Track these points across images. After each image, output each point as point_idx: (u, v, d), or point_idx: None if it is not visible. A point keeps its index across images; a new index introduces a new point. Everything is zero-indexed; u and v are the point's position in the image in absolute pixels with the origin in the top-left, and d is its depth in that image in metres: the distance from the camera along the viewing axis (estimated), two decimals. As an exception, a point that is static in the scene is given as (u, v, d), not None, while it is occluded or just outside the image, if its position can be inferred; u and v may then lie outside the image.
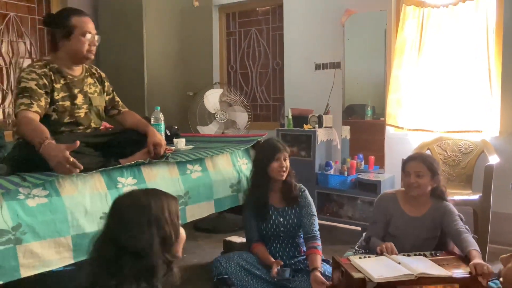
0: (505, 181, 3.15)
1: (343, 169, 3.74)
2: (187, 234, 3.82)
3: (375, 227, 2.49)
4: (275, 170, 2.55)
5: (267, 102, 4.79)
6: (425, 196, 2.43)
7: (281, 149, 2.58)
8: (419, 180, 2.37)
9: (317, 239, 2.53)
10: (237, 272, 2.45)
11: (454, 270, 2.07)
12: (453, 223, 2.34)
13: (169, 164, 2.35)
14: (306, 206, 2.61)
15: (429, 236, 2.42)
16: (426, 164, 2.38)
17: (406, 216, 2.44)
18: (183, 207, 2.34)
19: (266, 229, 2.61)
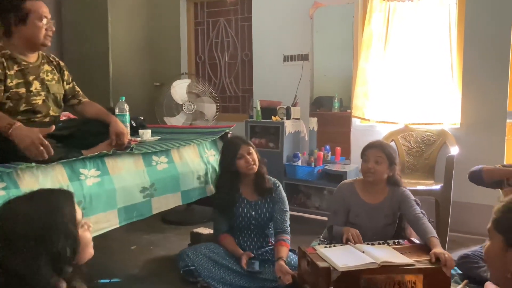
0: (466, 171, 3.25)
1: (311, 160, 3.77)
2: (155, 226, 3.78)
3: (335, 217, 2.54)
4: (243, 166, 2.53)
5: (236, 93, 4.77)
6: (382, 184, 2.50)
7: (240, 145, 2.55)
8: (377, 167, 2.42)
9: (287, 234, 2.55)
10: (203, 263, 2.44)
11: (417, 258, 2.13)
12: (410, 208, 2.41)
13: (134, 156, 2.30)
14: (280, 202, 2.62)
15: (388, 222, 2.49)
16: (385, 152, 2.44)
17: (364, 203, 2.49)
18: (148, 199, 2.30)
19: (237, 222, 2.61)
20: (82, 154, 2.08)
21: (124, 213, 2.17)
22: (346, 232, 2.35)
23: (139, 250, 3.12)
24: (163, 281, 2.57)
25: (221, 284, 2.40)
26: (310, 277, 2.14)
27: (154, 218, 3.58)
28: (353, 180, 2.62)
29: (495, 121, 3.30)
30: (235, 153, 2.54)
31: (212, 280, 2.41)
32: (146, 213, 2.30)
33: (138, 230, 3.44)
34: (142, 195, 2.27)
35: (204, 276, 2.41)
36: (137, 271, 2.75)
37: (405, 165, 3.54)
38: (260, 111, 3.92)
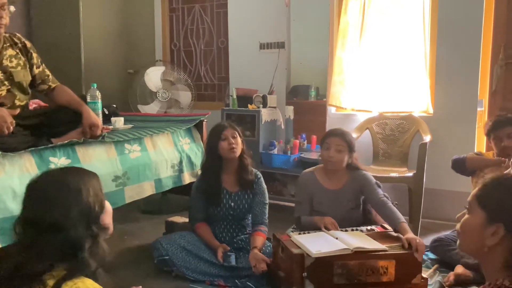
0: (438, 158, 3.33)
1: (287, 149, 3.78)
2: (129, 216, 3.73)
3: (301, 207, 2.55)
4: (225, 149, 2.50)
5: (212, 81, 4.72)
6: (342, 170, 2.52)
7: (226, 127, 2.54)
8: (338, 155, 2.44)
9: (264, 225, 2.56)
10: (178, 253, 2.42)
11: (389, 244, 2.17)
12: (374, 192, 2.45)
13: (106, 144, 2.25)
14: (260, 194, 2.61)
15: (351, 207, 2.52)
16: (346, 141, 2.46)
17: (326, 190, 2.52)
18: (121, 188, 2.27)
19: (215, 212, 2.59)
20: (51, 143, 2.03)
21: (96, 202, 2.13)
22: (320, 222, 2.37)
23: (113, 239, 3.02)
24: (138, 270, 2.54)
25: (195, 273, 2.39)
26: (284, 263, 2.15)
27: (128, 207, 3.53)
28: (313, 169, 2.63)
29: (466, 110, 3.37)
30: (219, 134, 2.52)
31: (187, 269, 2.39)
32: (119, 202, 2.27)
33: (114, 220, 3.36)
34: (115, 184, 2.23)
35: (179, 266, 2.40)
36: (112, 260, 2.70)
37: (379, 152, 3.58)
38: (236, 99, 3.90)
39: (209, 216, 2.62)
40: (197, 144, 2.88)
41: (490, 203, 1.08)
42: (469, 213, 1.14)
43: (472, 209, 1.13)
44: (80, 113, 2.20)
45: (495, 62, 3.35)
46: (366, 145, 3.60)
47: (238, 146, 2.52)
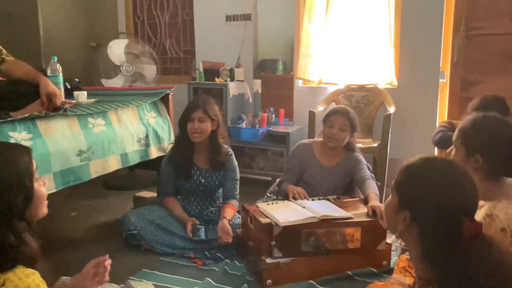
0: (402, 129, 3.42)
1: (255, 122, 3.78)
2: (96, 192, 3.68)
3: (289, 174, 2.60)
4: (189, 131, 2.47)
5: (178, 54, 4.63)
6: (340, 148, 2.57)
7: (197, 108, 2.46)
8: (341, 134, 2.48)
9: (235, 199, 2.58)
10: (146, 227, 2.41)
11: (354, 211, 2.23)
12: (360, 170, 2.52)
13: (69, 118, 2.19)
14: (231, 171, 2.60)
15: (340, 185, 2.59)
16: (350, 120, 2.50)
17: (321, 165, 2.56)
18: (86, 163, 2.22)
19: (185, 186, 2.57)
20: (10, 116, 1.95)
21: (61, 177, 2.09)
22: (291, 191, 2.41)
23: (79, 216, 3.03)
24: (106, 246, 2.51)
25: (164, 247, 2.39)
26: (253, 233, 2.18)
27: (95, 183, 3.48)
28: (312, 141, 2.66)
29: (428, 81, 3.45)
30: (189, 113, 2.48)
31: (156, 243, 2.39)
32: (84, 177, 2.23)
33: (79, 196, 3.33)
34: (79, 158, 2.19)
35: (148, 240, 2.39)
36: (79, 237, 2.68)
37: (345, 125, 3.64)
38: (202, 72, 3.84)
39: (179, 189, 2.60)
40: (163, 118, 2.84)
41: (402, 189, 1.10)
42: (390, 196, 1.16)
43: (391, 191, 1.15)
44: (37, 85, 2.12)
45: (457, 34, 3.42)
46: (332, 117, 3.64)
47: (203, 131, 2.46)
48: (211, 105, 2.52)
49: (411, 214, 1.05)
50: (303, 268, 2.07)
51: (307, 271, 2.07)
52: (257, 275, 2.08)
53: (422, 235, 1.03)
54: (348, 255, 2.14)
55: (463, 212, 1.00)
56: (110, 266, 1.48)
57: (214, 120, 2.51)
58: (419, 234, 1.04)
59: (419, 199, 1.04)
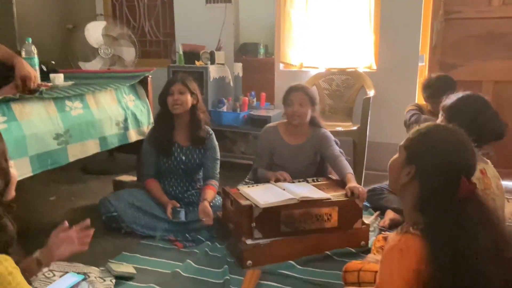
0: (381, 113, 3.46)
1: (236, 106, 3.77)
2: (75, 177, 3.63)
3: (260, 160, 2.61)
4: (170, 104, 2.49)
5: (157, 37, 4.56)
6: (305, 126, 2.58)
7: (176, 81, 2.50)
8: (302, 109, 2.49)
9: (215, 180, 2.58)
10: (126, 209, 2.40)
11: (333, 193, 2.26)
12: (329, 147, 2.54)
13: (45, 101, 2.15)
14: (211, 149, 2.61)
15: (310, 162, 2.61)
16: (307, 94, 2.51)
17: (288, 145, 2.58)
18: (63, 146, 2.19)
19: (166, 165, 2.57)
20: (-17, 99, 1.90)
21: (37, 161, 2.06)
22: (273, 177, 2.42)
23: (58, 201, 3.00)
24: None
25: (145, 229, 2.39)
26: (234, 215, 2.20)
27: (74, 168, 3.46)
28: (276, 124, 2.68)
29: (408, 65, 3.48)
30: (168, 88, 2.50)
31: (136, 225, 2.39)
32: (62, 161, 2.20)
33: (57, 181, 3.29)
34: (56, 142, 2.15)
35: (128, 222, 2.39)
36: (57, 222, 2.62)
37: (326, 108, 3.66)
38: (182, 55, 3.80)
39: (160, 170, 2.60)
40: (142, 101, 2.81)
41: (412, 146, 1.19)
42: (398, 154, 1.24)
43: (400, 150, 1.23)
44: (12, 67, 2.07)
45: (436, 18, 3.45)
46: (313, 101, 3.66)
47: (183, 103, 2.49)
48: (190, 80, 2.56)
49: (416, 168, 1.14)
50: (283, 248, 2.09)
51: (287, 251, 2.10)
52: (238, 256, 2.10)
53: (422, 188, 1.13)
54: (326, 235, 2.17)
55: (463, 172, 1.10)
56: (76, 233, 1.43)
57: (194, 94, 2.54)
58: (420, 186, 1.14)
59: (427, 155, 1.14)
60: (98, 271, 1.96)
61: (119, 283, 1.92)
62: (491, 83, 3.35)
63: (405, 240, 1.07)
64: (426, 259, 1.02)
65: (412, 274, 1.02)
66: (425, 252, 1.03)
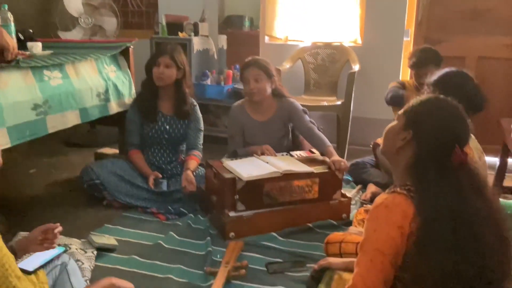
0: (365, 88, 3.46)
1: (220, 79, 3.72)
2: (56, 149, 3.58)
3: (234, 141, 2.57)
4: (154, 76, 2.47)
5: (139, 8, 4.43)
6: (269, 99, 2.53)
7: (164, 53, 2.47)
8: (258, 85, 2.43)
9: (198, 150, 2.57)
10: (109, 177, 2.39)
11: (316, 166, 2.27)
12: (301, 120, 2.50)
13: (22, 70, 2.09)
14: (195, 121, 2.59)
15: (282, 135, 2.59)
16: (261, 68, 2.44)
17: (257, 122, 2.54)
18: (42, 117, 2.14)
19: (149, 133, 2.55)
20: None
21: (15, 132, 2.01)
22: (258, 149, 2.41)
23: (39, 173, 2.95)
24: (67, 201, 2.48)
25: (127, 198, 2.39)
26: (217, 188, 2.19)
27: (54, 140, 3.40)
28: (242, 101, 2.62)
29: (393, 40, 3.47)
30: (156, 58, 2.48)
31: (118, 193, 2.38)
32: (41, 132, 2.15)
33: (38, 154, 3.24)
34: (35, 112, 2.10)
35: (110, 190, 2.37)
36: (38, 194, 2.62)
37: (310, 82, 3.65)
38: (165, 26, 3.71)
39: (144, 139, 2.58)
40: (124, 72, 2.75)
41: (411, 112, 1.22)
42: (396, 120, 1.26)
43: (399, 117, 1.25)
44: None
45: (422, -8, 3.43)
46: (298, 75, 3.64)
47: (167, 78, 2.47)
48: (179, 53, 2.53)
49: (413, 133, 1.17)
50: (266, 221, 2.11)
51: (270, 223, 2.12)
52: (220, 228, 2.11)
53: (417, 153, 1.16)
54: (308, 207, 2.20)
55: (457, 141, 1.13)
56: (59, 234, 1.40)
57: (181, 69, 2.51)
58: (414, 151, 1.16)
59: (425, 121, 1.17)
60: (79, 243, 1.95)
61: (101, 255, 1.92)
62: (474, 58, 3.37)
63: (392, 198, 1.10)
64: (414, 216, 1.04)
65: (397, 230, 1.04)
66: (411, 210, 1.05)
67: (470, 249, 1.02)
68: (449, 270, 1.00)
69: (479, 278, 1.01)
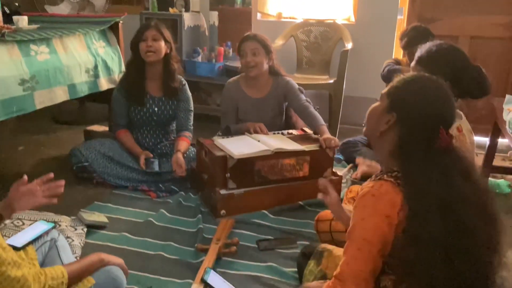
0: (358, 67, 3.43)
1: (211, 57, 3.67)
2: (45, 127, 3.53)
3: (227, 117, 2.54)
4: (143, 51, 2.38)
5: (129, -18, 4.34)
6: (265, 76, 2.50)
7: (149, 27, 2.39)
8: (256, 59, 2.40)
9: (189, 131, 2.53)
10: (98, 159, 2.36)
11: (307, 145, 2.26)
12: (296, 98, 2.48)
13: (8, 44, 2.04)
14: (184, 101, 2.53)
15: (275, 114, 2.57)
16: (260, 43, 2.41)
17: (251, 99, 2.51)
18: (30, 93, 2.10)
19: (138, 116, 2.50)
20: None
21: (2, 107, 1.98)
22: (251, 126, 2.39)
23: (27, 150, 2.92)
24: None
25: (117, 179, 2.36)
26: (208, 166, 2.18)
27: (43, 117, 3.36)
28: (237, 78, 2.59)
29: (386, 18, 3.43)
30: (141, 34, 2.39)
31: (108, 175, 2.35)
32: (28, 108, 2.12)
33: (26, 131, 3.20)
34: (22, 88, 2.06)
35: (99, 172, 2.35)
36: (26, 171, 2.56)
37: (303, 60, 3.61)
38: (156, 1, 3.64)
39: (132, 121, 2.53)
40: (113, 48, 2.70)
41: (394, 93, 1.16)
42: (379, 101, 1.21)
43: (382, 98, 1.20)
44: None
45: (417, -31, 3.38)
46: (290, 53, 3.60)
47: (157, 51, 2.39)
48: (163, 27, 2.46)
49: (397, 116, 1.12)
50: (256, 199, 2.11)
51: (260, 201, 2.12)
52: (211, 206, 2.11)
53: (401, 136, 1.12)
54: (299, 186, 2.20)
55: (442, 123, 1.09)
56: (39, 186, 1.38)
57: (168, 42, 2.44)
58: (399, 135, 1.12)
59: (409, 103, 1.12)
60: (69, 220, 1.94)
61: (91, 232, 1.91)
62: (468, 38, 3.35)
63: (379, 186, 1.07)
64: (402, 205, 1.02)
65: (384, 220, 1.03)
66: (399, 198, 1.03)
67: (458, 236, 1.00)
68: (438, 258, 0.99)
69: (468, 265, 1.00)
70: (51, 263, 1.35)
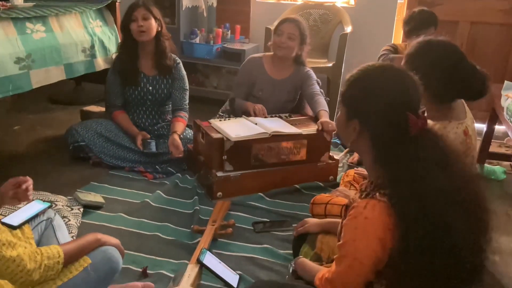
0: (357, 50, 3.40)
1: (209, 38, 3.63)
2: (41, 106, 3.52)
3: (239, 89, 2.56)
4: (134, 32, 2.37)
5: (127, -39, 4.26)
6: (289, 61, 2.51)
7: (138, 6, 2.36)
8: (290, 42, 2.41)
9: (184, 111, 2.52)
10: (94, 139, 2.35)
11: (305, 128, 2.26)
12: (310, 86, 2.50)
13: (3, 21, 2.01)
14: (179, 79, 2.52)
15: (289, 99, 2.58)
16: (300, 30, 2.42)
17: (270, 79, 2.52)
18: (26, 71, 2.08)
19: (132, 96, 2.49)
20: None
21: (-3, 85, 1.95)
22: (250, 107, 2.39)
23: (23, 130, 2.90)
24: (52, 159, 2.45)
25: (114, 159, 2.36)
26: (205, 148, 2.18)
27: (39, 97, 3.34)
28: (262, 55, 2.61)
29: (387, 1, 3.39)
30: (130, 14, 2.37)
31: (105, 155, 2.35)
32: (25, 87, 2.10)
33: (22, 110, 3.18)
34: (18, 66, 2.04)
35: (96, 152, 2.34)
36: (22, 151, 2.58)
37: (301, 44, 3.58)
38: (153, -19, 3.58)
39: (127, 102, 2.52)
40: (110, 28, 2.67)
41: (347, 99, 1.11)
42: (339, 110, 1.16)
43: (339, 106, 1.15)
44: None
45: (418, -48, 3.33)
46: (289, 35, 3.56)
47: (148, 30, 2.37)
48: (152, 5, 2.44)
49: (359, 121, 1.07)
50: (253, 181, 2.12)
51: (257, 184, 2.13)
52: (208, 188, 2.12)
53: (372, 139, 1.06)
54: (296, 168, 2.20)
55: (407, 108, 1.02)
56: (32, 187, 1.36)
57: (157, 19, 2.42)
58: (370, 138, 1.06)
59: (363, 104, 1.06)
60: (65, 199, 1.94)
61: (87, 212, 1.92)
62: (468, 23, 3.32)
63: (371, 207, 0.99)
64: (394, 225, 0.97)
65: (378, 243, 0.98)
66: (392, 219, 0.97)
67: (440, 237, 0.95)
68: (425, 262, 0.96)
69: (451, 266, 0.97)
70: (47, 243, 1.36)
